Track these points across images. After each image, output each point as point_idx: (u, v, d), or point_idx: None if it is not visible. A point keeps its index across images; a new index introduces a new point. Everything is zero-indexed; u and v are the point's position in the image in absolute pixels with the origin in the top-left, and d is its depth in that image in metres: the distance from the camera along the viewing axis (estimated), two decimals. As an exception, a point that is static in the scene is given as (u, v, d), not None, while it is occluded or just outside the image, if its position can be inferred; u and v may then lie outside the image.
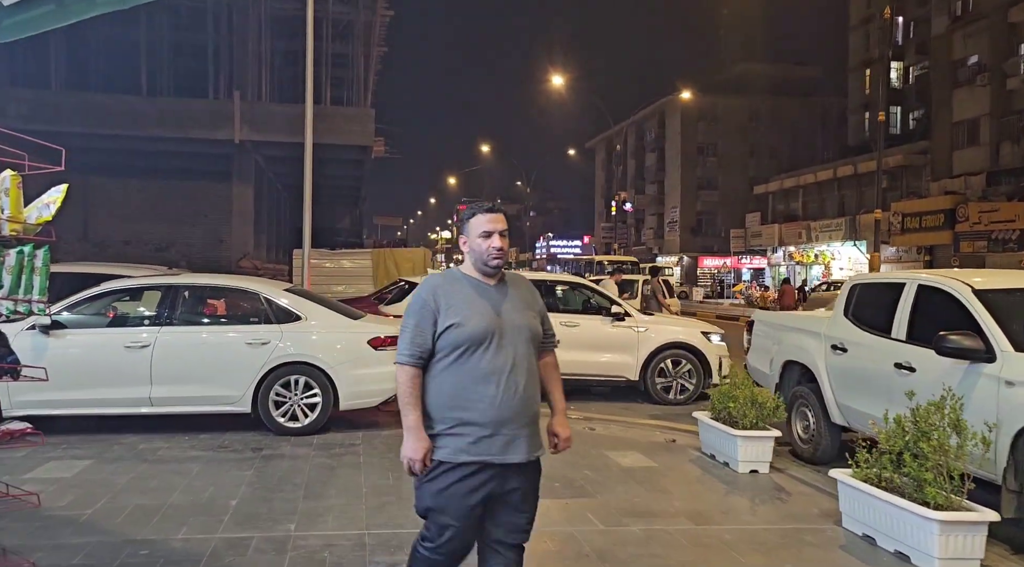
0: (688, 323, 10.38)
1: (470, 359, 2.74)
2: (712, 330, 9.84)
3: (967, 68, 33.91)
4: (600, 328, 9.43)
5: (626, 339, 9.39)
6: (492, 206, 2.91)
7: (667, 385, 9.49)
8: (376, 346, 7.16)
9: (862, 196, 41.51)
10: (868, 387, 5.78)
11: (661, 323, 9.83)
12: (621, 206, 53.18)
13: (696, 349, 9.48)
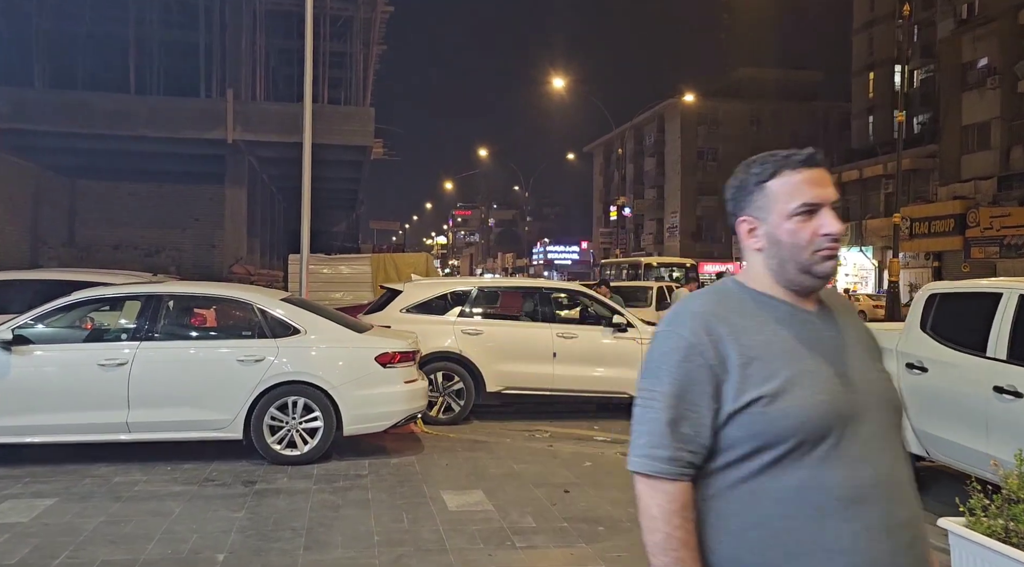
0: None
1: (799, 468, 1.38)
2: None
3: (976, 71, 33.32)
4: (600, 340, 8.65)
5: (629, 351, 8.53)
6: (811, 155, 1.57)
7: None
8: (385, 363, 6.35)
9: (867, 201, 40.90)
10: (958, 414, 5.00)
11: None
12: (620, 211, 52.43)
13: None
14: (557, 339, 8.47)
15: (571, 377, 8.47)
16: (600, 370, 8.58)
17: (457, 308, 8.66)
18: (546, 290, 9.13)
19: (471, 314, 8.67)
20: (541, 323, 8.65)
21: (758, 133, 57.90)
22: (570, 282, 15.00)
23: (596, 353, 8.60)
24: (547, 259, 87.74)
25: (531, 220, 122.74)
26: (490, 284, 9.82)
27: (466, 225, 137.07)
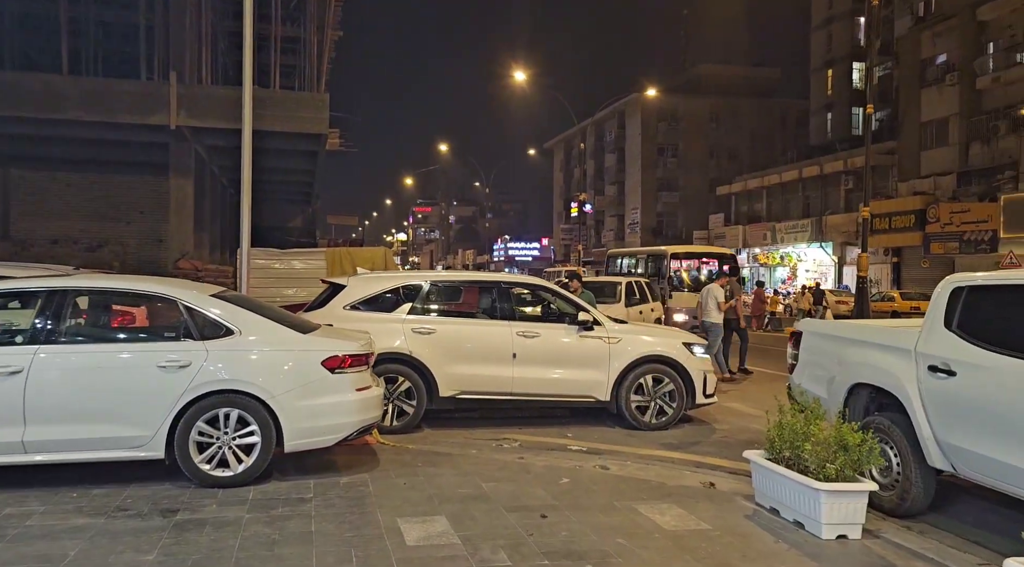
0: (667, 333, 8.77)
1: None
2: (694, 340, 8.42)
3: (935, 67, 33.47)
4: (564, 339, 7.91)
5: (595, 352, 7.88)
6: None
7: (643, 405, 7.96)
8: (333, 368, 5.51)
9: (827, 197, 40.99)
10: (996, 425, 4.36)
11: (636, 332, 8.26)
12: (581, 208, 51.97)
13: (677, 364, 8.00)
14: (517, 338, 7.74)
15: (533, 380, 7.75)
16: (564, 372, 7.86)
17: (407, 304, 7.85)
18: (505, 285, 8.28)
19: (423, 311, 7.89)
20: (500, 321, 7.90)
21: (718, 129, 58.01)
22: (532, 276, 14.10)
23: (560, 353, 7.88)
24: (508, 256, 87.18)
25: (491, 217, 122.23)
26: (444, 278, 8.91)
27: (426, 222, 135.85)
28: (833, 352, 5.79)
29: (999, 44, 30.71)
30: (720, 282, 12.55)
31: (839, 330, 5.94)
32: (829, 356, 5.83)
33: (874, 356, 5.34)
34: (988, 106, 31.09)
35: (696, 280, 19.59)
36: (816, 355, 6.05)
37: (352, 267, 14.81)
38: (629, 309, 14.06)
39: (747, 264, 46.61)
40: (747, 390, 11.20)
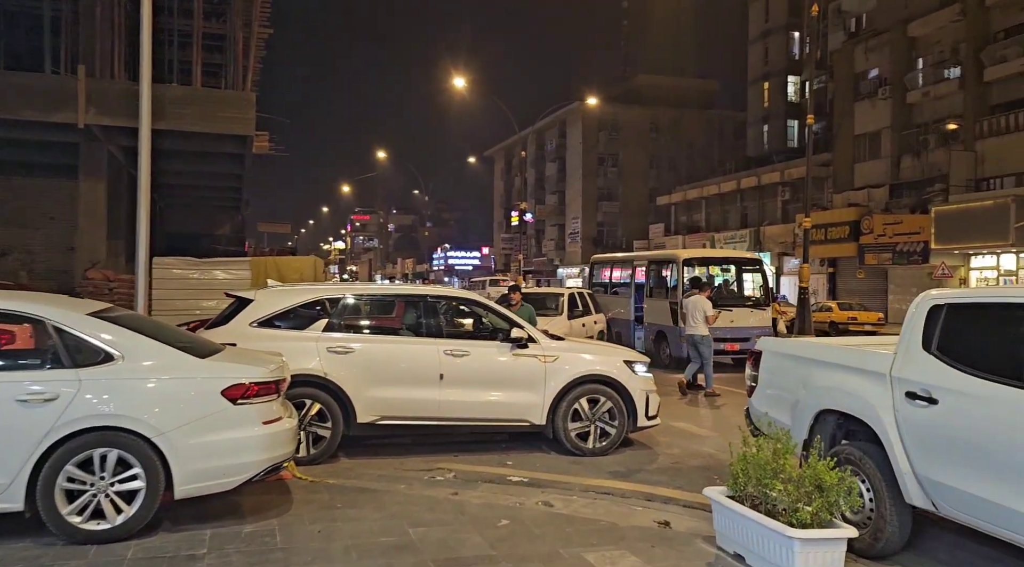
0: (607, 350, 8.26)
1: None
2: (636, 358, 7.87)
3: (868, 81, 34.18)
4: (496, 358, 7.29)
5: (530, 371, 7.29)
6: None
7: (583, 430, 7.38)
8: (236, 398, 4.73)
9: (764, 207, 41.52)
10: (985, 460, 3.89)
11: (574, 350, 7.68)
12: (522, 217, 51.60)
13: (618, 383, 7.47)
14: (445, 357, 7.11)
15: (462, 403, 7.12)
16: (496, 394, 7.24)
17: (323, 321, 7.10)
18: (432, 299, 7.63)
19: (340, 328, 7.16)
20: (426, 338, 7.25)
21: (657, 140, 58.49)
22: (464, 289, 13.34)
23: (491, 374, 7.27)
24: (448, 265, 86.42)
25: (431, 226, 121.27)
26: (364, 291, 8.21)
27: (365, 230, 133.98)
28: (797, 374, 5.28)
29: (928, 60, 31.50)
30: (705, 293, 12.10)
31: (803, 350, 5.44)
32: (792, 378, 5.33)
33: (843, 379, 4.84)
34: (919, 120, 31.83)
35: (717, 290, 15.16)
36: (778, 377, 5.55)
37: (279, 276, 13.91)
38: (572, 322, 13.52)
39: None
40: (696, 408, 10.73)
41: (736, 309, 14.69)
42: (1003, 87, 28.23)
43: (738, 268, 16.63)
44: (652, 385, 7.76)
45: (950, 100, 30.09)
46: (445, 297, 8.13)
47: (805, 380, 5.16)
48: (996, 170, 28.16)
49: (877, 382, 4.58)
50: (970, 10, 29.01)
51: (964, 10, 29.22)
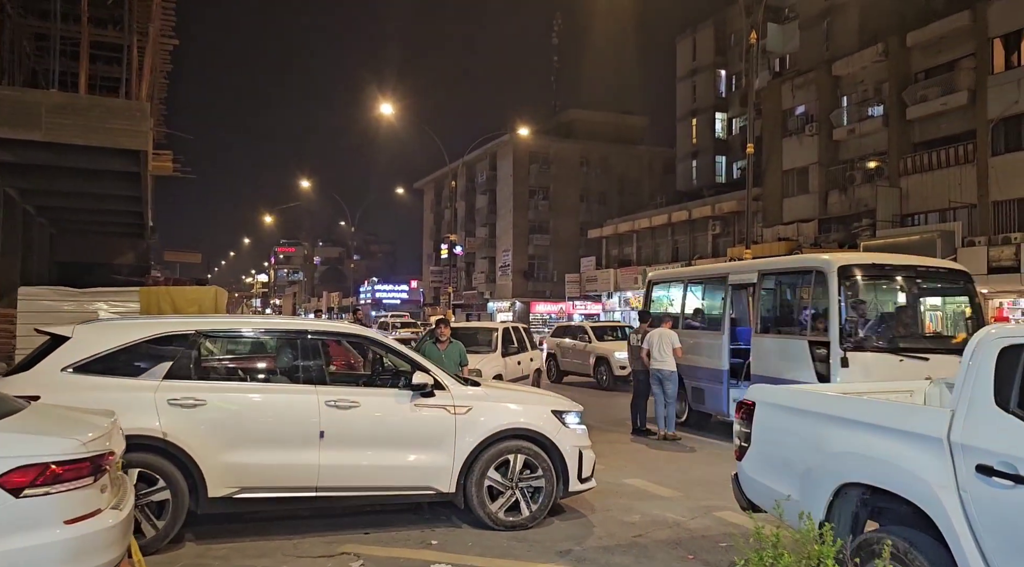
0: (532, 396, 6.92)
1: None
2: (567, 406, 6.54)
3: (796, 118, 34.50)
4: (393, 409, 5.92)
5: (436, 426, 5.96)
6: None
7: (503, 499, 6.07)
8: (22, 487, 3.23)
9: (695, 242, 41.41)
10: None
11: (492, 398, 6.29)
12: (451, 249, 50.34)
13: (546, 439, 6.17)
14: (327, 410, 5.69)
15: (348, 468, 5.71)
16: (393, 456, 5.84)
17: (165, 364, 5.57)
18: (313, 335, 6.08)
19: (189, 373, 5.64)
20: (303, 386, 5.81)
21: (588, 174, 58.39)
22: (355, 324, 11.66)
23: (387, 430, 5.90)
24: (375, 298, 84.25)
25: (359, 258, 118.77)
26: (223, 326, 6.37)
27: (289, 263, 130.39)
28: (806, 434, 4.09)
29: (852, 98, 31.95)
30: (666, 325, 10.96)
31: (813, 402, 4.25)
32: (800, 439, 4.14)
33: (875, 443, 3.67)
34: (845, 156, 32.18)
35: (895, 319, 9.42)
36: (779, 436, 4.35)
37: (174, 310, 12.15)
38: (507, 359, 12.21)
39: (619, 308, 46.34)
40: (649, 457, 9.49)
41: (938, 356, 8.36)
42: (925, 126, 28.71)
43: (933, 284, 10.32)
44: (586, 440, 6.47)
45: (875, 137, 30.49)
46: (330, 333, 6.60)
47: (818, 442, 3.97)
48: (920, 206, 28.47)
49: (928, 449, 3.42)
50: (892, 51, 29.56)
51: (886, 51, 29.76)
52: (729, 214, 38.36)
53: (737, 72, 46.30)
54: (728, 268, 12.17)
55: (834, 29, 35.27)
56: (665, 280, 14.05)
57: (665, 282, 13.88)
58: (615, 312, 47.04)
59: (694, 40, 48.43)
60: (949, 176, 27.21)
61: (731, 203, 37.94)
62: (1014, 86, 25.06)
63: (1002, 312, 26.35)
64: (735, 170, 47.03)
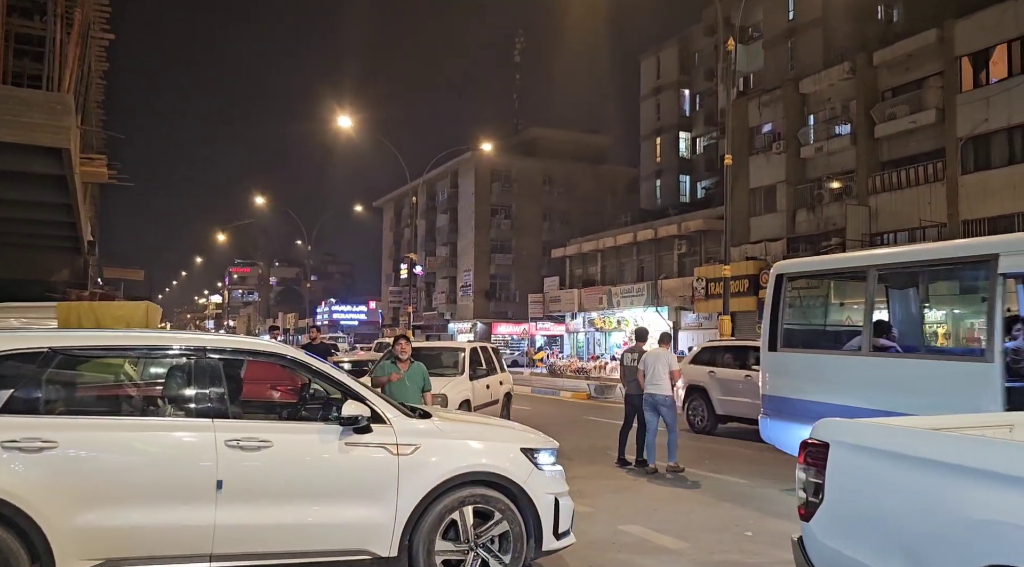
0: (496, 429, 5.42)
1: None
2: (540, 444, 5.20)
3: (763, 136, 34.13)
4: (316, 450, 4.60)
5: (373, 471, 4.65)
6: None
7: (458, 562, 4.80)
8: None
9: (661, 261, 40.72)
10: None
11: (447, 434, 4.95)
12: (411, 269, 48.99)
13: (512, 485, 4.89)
14: (227, 452, 4.36)
15: (254, 529, 4.38)
16: (315, 511, 4.52)
17: (2, 394, 4.18)
18: (212, 352, 4.66)
19: (35, 407, 4.30)
20: (196, 420, 4.49)
21: (551, 193, 57.67)
22: (262, 339, 10.26)
23: (308, 477, 4.57)
24: (332, 319, 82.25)
25: (316, 279, 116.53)
26: (89, 341, 4.74)
27: (244, 283, 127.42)
28: (916, 490, 2.96)
29: (820, 116, 31.65)
30: (665, 345, 9.86)
31: (926, 445, 3.10)
32: (906, 498, 3.00)
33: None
34: (812, 174, 31.81)
35: None
36: (870, 490, 3.21)
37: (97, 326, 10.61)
38: (475, 383, 10.98)
39: (583, 328, 45.38)
40: (647, 495, 8.28)
41: None
42: (893, 144, 28.45)
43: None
44: (562, 484, 5.19)
45: (843, 155, 30.17)
46: (234, 350, 4.93)
47: (940, 503, 2.84)
48: (890, 225, 28.10)
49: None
50: (859, 68, 29.33)
51: (853, 68, 29.53)
52: (695, 233, 37.78)
53: (701, 91, 46.14)
54: (996, 244, 6.58)
55: (798, 49, 35.15)
56: (819, 272, 8.85)
57: (819, 275, 8.82)
58: (579, 333, 46.07)
59: (658, 59, 48.22)
60: (918, 195, 26.88)
61: (697, 221, 37.39)
62: (983, 104, 24.86)
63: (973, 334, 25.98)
64: (699, 189, 46.69)
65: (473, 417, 6.40)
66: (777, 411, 8.18)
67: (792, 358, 8.24)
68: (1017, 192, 23.64)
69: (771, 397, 8.41)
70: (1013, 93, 23.87)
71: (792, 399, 7.94)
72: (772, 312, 8.44)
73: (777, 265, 9.03)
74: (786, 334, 8.37)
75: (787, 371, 8.21)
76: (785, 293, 8.41)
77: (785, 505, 7.34)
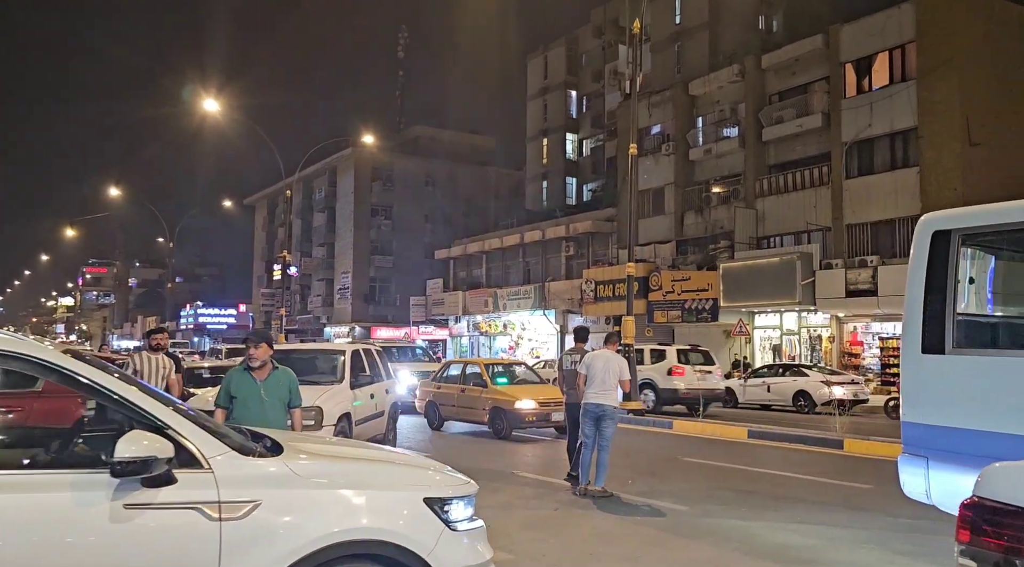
0: (386, 469, 3.58)
1: None
2: (450, 488, 3.47)
3: (652, 137, 33.76)
4: (78, 517, 2.72)
5: (177, 552, 2.82)
6: None
7: None
8: None
9: (548, 263, 39.78)
10: None
11: (305, 479, 3.10)
12: (285, 270, 45.81)
13: (412, 558, 3.15)
14: None
15: None
16: None
17: None
18: None
19: None
20: None
21: (433, 194, 55.85)
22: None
23: (65, 562, 2.69)
24: (198, 323, 76.82)
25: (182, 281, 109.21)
26: None
27: (100, 284, 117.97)
28: None
29: (709, 118, 31.57)
30: (612, 346, 8.31)
31: None
32: None
33: None
34: (701, 177, 31.67)
35: None
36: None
37: None
38: (357, 392, 9.09)
39: (467, 332, 43.79)
40: (581, 535, 6.66)
41: None
42: (780, 147, 28.61)
43: None
44: (486, 549, 3.49)
45: (731, 158, 30.14)
46: None
47: None
48: (777, 228, 28.21)
49: None
50: (748, 72, 29.38)
51: (742, 71, 29.56)
52: (583, 235, 37.04)
53: (589, 93, 45.72)
54: None
55: (685, 52, 35.11)
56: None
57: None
58: (463, 337, 44.45)
59: (545, 59, 47.47)
60: (805, 198, 27.06)
61: (586, 223, 36.66)
62: (867, 110, 25.23)
63: (856, 336, 26.35)
64: (586, 192, 46.22)
65: (350, 448, 4.22)
66: (945, 451, 5.00)
67: (979, 364, 4.98)
68: (899, 197, 24.05)
69: (931, 428, 5.11)
70: (895, 99, 24.31)
71: (982, 432, 4.84)
72: (930, 292, 5.17)
73: (933, 217, 5.39)
74: (966, 327, 5.16)
75: (967, 386, 4.98)
76: (957, 261, 5.15)
77: (746, 539, 6.01)
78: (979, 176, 21.34)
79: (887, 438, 12.07)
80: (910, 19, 24.13)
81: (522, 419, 12.57)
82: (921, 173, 23.54)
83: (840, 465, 10.32)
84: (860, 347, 26.05)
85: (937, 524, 6.28)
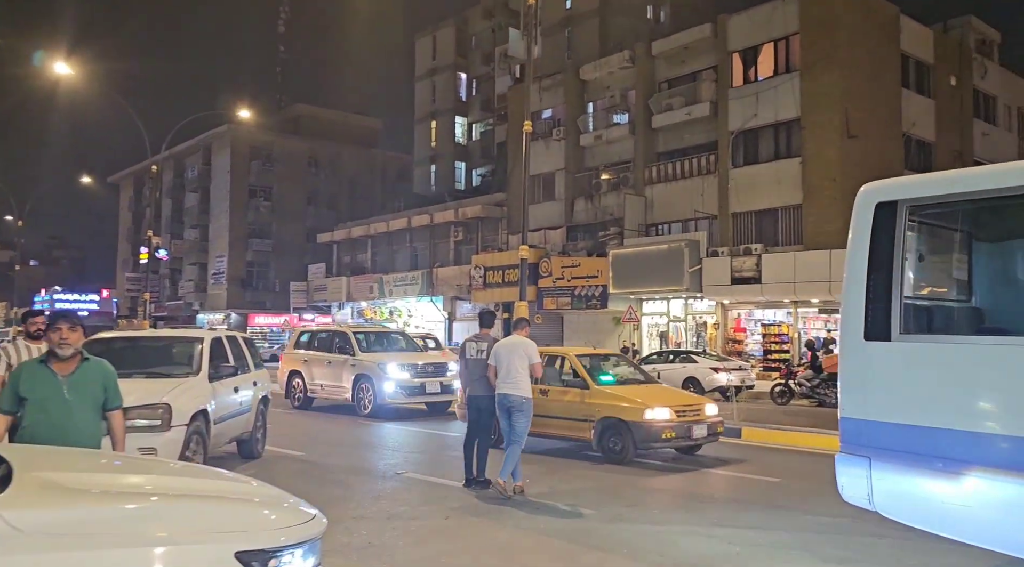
0: (186, 506, 2.51)
1: None
2: (281, 533, 2.48)
3: (543, 122, 33.24)
4: None
5: None
6: None
7: None
8: None
9: (436, 249, 38.75)
10: None
11: (44, 538, 2.16)
12: (153, 253, 42.45)
13: None
14: None
15: None
16: None
17: None
18: None
19: None
20: None
21: (316, 175, 53.55)
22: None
23: None
24: (55, 310, 70.57)
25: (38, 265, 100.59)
26: None
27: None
28: None
29: (600, 104, 31.36)
30: (522, 331, 7.36)
31: None
32: None
33: None
34: (591, 163, 31.46)
35: None
36: None
37: None
38: (217, 385, 7.82)
39: (351, 319, 42.10)
40: (481, 549, 5.81)
41: None
42: (669, 135, 28.72)
43: None
44: None
45: (621, 145, 30.04)
46: None
47: None
48: (665, 216, 28.34)
49: None
50: (639, 58, 29.31)
51: (633, 58, 29.46)
52: (472, 220, 36.22)
53: (478, 75, 44.80)
54: None
55: (576, 38, 34.80)
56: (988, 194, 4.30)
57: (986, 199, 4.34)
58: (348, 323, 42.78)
59: (434, 39, 46.14)
60: (692, 186, 27.27)
61: (475, 208, 35.84)
62: (752, 100, 25.60)
63: (739, 323, 26.84)
64: (475, 177, 45.37)
65: (143, 474, 3.14)
66: (889, 449, 4.35)
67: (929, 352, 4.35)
68: (783, 187, 24.55)
69: (874, 424, 4.46)
70: (780, 90, 24.76)
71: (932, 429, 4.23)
72: (874, 271, 4.49)
73: (876, 187, 4.67)
74: (915, 310, 4.53)
75: (915, 377, 4.37)
76: (904, 235, 4.43)
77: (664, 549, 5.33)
78: (857, 168, 21.96)
79: (779, 425, 11.93)
80: (794, 12, 24.61)
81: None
82: (803, 163, 24.10)
83: (742, 455, 9.95)
84: (743, 334, 26.50)
85: (858, 523, 5.83)
